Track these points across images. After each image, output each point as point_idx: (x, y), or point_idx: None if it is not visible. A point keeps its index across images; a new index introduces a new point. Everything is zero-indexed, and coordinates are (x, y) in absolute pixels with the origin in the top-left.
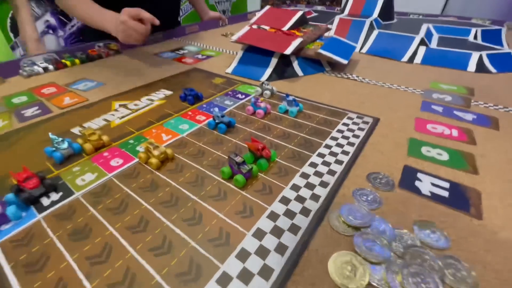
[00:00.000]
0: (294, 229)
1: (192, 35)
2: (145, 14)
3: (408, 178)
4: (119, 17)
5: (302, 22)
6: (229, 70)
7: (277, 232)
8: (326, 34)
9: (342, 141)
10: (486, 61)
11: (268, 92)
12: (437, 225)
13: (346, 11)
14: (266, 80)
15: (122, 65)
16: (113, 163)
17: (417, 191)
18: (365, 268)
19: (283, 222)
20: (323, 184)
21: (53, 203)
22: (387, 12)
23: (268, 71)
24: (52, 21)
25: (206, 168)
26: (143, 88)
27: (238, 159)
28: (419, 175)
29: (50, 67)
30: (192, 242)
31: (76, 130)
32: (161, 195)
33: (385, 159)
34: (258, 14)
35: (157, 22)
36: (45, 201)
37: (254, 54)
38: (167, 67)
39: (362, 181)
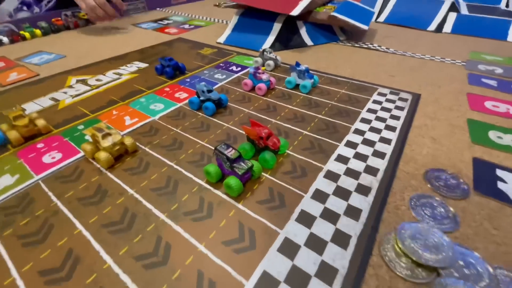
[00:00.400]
0: (326, 274)
1: (180, 6)
2: None
3: (486, 178)
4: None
5: None
6: (221, 39)
7: (298, 279)
8: None
9: (378, 124)
10: None
11: (271, 63)
12: None
13: None
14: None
15: (91, 36)
16: (47, 159)
17: (506, 198)
18: None
19: (306, 260)
20: (363, 190)
21: None
22: None
23: (270, 39)
24: None
25: (183, 166)
26: (112, 60)
27: (231, 153)
28: (499, 172)
29: (5, 39)
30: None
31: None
32: (109, 210)
33: (443, 148)
34: None
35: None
36: None
37: (253, 19)
38: (146, 37)
39: (420, 183)
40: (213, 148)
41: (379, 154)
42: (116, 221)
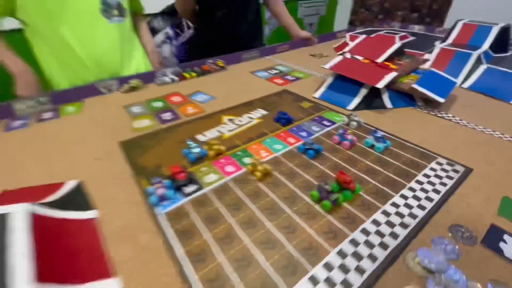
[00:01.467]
0: (372, 258)
1: (283, 54)
2: None
3: (493, 238)
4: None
5: (398, 53)
6: (317, 95)
7: (357, 256)
8: (422, 66)
9: (428, 187)
10: None
11: (355, 123)
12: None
13: (450, 39)
14: (353, 109)
15: (227, 80)
16: (228, 168)
17: (500, 251)
18: None
19: (363, 250)
20: (403, 225)
21: (192, 192)
22: (502, 43)
23: (356, 100)
24: (170, 33)
25: (298, 188)
26: (244, 106)
27: (327, 187)
28: (505, 236)
29: (176, 78)
30: (289, 246)
31: (199, 136)
32: (263, 203)
33: (472, 213)
34: (353, 43)
35: None
36: (186, 190)
37: (344, 82)
38: (262, 86)
39: (444, 231)
40: (315, 180)
41: (422, 207)
42: (269, 208)
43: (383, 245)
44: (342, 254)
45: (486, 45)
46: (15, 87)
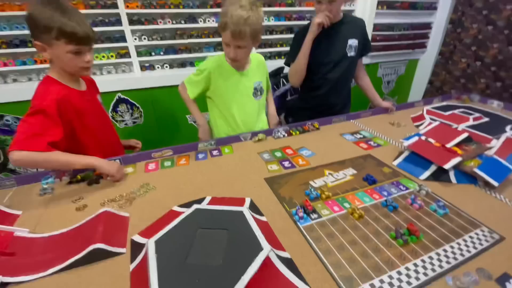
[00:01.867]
0: (425, 274)
1: (365, 119)
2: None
3: (503, 279)
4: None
5: (466, 140)
6: (396, 163)
7: (416, 271)
8: (487, 152)
9: (469, 244)
10: None
11: (424, 192)
12: None
13: None
14: (424, 179)
15: (322, 140)
16: (335, 208)
17: (504, 286)
18: None
19: (420, 269)
20: (447, 262)
21: (315, 218)
22: None
23: (427, 173)
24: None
25: (381, 228)
26: (339, 164)
27: (401, 231)
28: (510, 280)
29: (286, 135)
30: (376, 258)
31: (312, 182)
32: (360, 232)
33: (494, 264)
34: (429, 127)
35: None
36: (312, 216)
37: (418, 156)
38: (350, 148)
39: (472, 270)
40: (393, 226)
41: (462, 255)
42: (364, 236)
43: (433, 270)
44: (407, 268)
45: None
46: (198, 133)
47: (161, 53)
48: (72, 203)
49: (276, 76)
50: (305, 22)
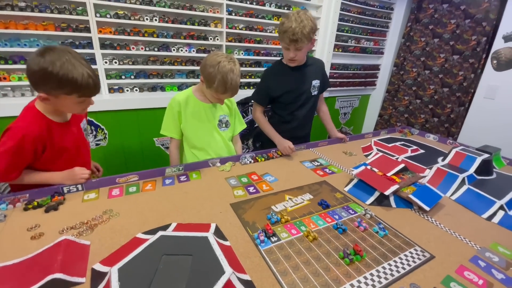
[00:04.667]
0: None
1: (322, 147)
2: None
3: None
4: (284, 142)
5: (403, 170)
6: (347, 189)
7: (359, 287)
8: (421, 181)
9: (404, 262)
10: None
11: (368, 215)
12: None
13: (447, 160)
14: (369, 204)
15: (285, 166)
16: (293, 231)
17: None
18: None
19: (363, 286)
20: (386, 278)
21: (275, 241)
22: (485, 169)
23: (372, 198)
24: None
25: (331, 249)
26: (298, 189)
27: (348, 251)
28: None
29: (252, 161)
30: (326, 277)
31: (273, 207)
32: (314, 254)
33: (425, 279)
34: (372, 158)
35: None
36: (272, 239)
37: (365, 184)
38: (308, 175)
39: (407, 285)
40: (341, 247)
41: (393, 275)
42: (315, 257)
43: (373, 286)
44: (351, 285)
45: (471, 170)
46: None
47: (132, 76)
48: (27, 231)
49: (244, 104)
50: (272, 59)
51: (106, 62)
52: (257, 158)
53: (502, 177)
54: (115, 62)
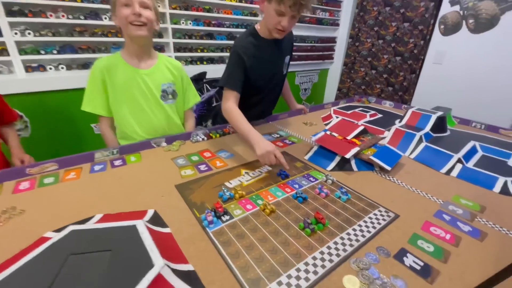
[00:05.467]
0: (330, 260)
1: (282, 120)
2: (282, 160)
3: (401, 254)
4: (266, 146)
5: (363, 132)
6: (307, 157)
7: (322, 259)
8: (381, 142)
9: (369, 224)
10: (510, 186)
11: (330, 181)
12: (404, 280)
13: (404, 121)
14: (330, 170)
15: (241, 141)
16: (248, 206)
17: (402, 262)
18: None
19: (326, 257)
20: (351, 245)
21: (227, 220)
22: (440, 127)
23: (333, 164)
24: None
25: (291, 221)
26: (255, 162)
27: (308, 221)
28: (408, 254)
29: (205, 138)
30: (285, 252)
31: (227, 183)
32: (271, 228)
33: (392, 241)
34: (332, 122)
35: (286, 167)
36: (223, 218)
37: (325, 150)
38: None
39: (373, 249)
40: (302, 217)
41: (363, 236)
42: (273, 232)
43: (338, 255)
44: (314, 258)
45: (427, 128)
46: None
47: (54, 51)
48: None
49: (199, 81)
50: (225, 30)
51: (16, 33)
52: (211, 134)
53: (455, 133)
54: (29, 33)
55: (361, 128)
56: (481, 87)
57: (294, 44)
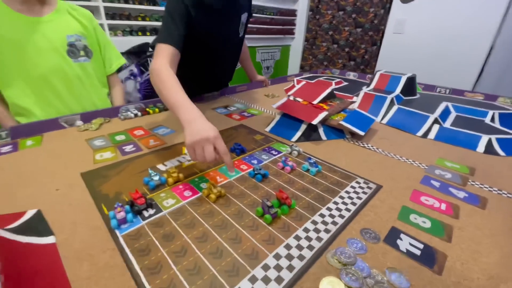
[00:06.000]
0: (300, 257)
1: (241, 93)
2: (226, 157)
3: (392, 236)
4: (202, 131)
5: (330, 96)
6: (268, 129)
7: (289, 257)
8: (350, 107)
9: (347, 200)
10: (496, 145)
11: (296, 152)
12: (404, 273)
13: (372, 85)
14: (295, 141)
15: None
16: (186, 193)
17: (396, 247)
18: None
19: (294, 252)
20: (327, 231)
21: (150, 216)
22: (410, 89)
23: (298, 134)
24: (135, 70)
25: (246, 206)
26: None
27: (269, 203)
28: (401, 235)
29: (139, 113)
30: (234, 254)
31: (160, 166)
32: (216, 220)
33: (378, 219)
34: (296, 87)
35: (231, 171)
36: (146, 213)
37: (288, 119)
38: (222, 121)
39: (356, 233)
40: (261, 199)
41: (342, 216)
42: (220, 225)
43: (310, 247)
44: (277, 256)
45: (398, 90)
46: None
47: None
48: None
49: (140, 55)
50: None
51: None
52: (148, 109)
53: (425, 96)
54: None
55: (329, 90)
56: (442, 53)
57: (253, 15)
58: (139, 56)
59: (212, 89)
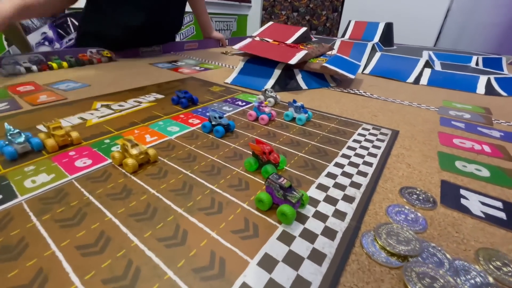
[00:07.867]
0: (317, 257)
1: (191, 51)
2: None
3: (451, 195)
4: None
5: (305, 39)
6: (229, 80)
7: (293, 260)
8: (329, 53)
9: (362, 152)
10: (495, 85)
11: (272, 100)
12: (506, 254)
13: (347, 35)
14: None
15: (114, 71)
16: (79, 163)
17: (467, 210)
18: None
19: (301, 247)
20: (348, 199)
21: None
22: (387, 39)
23: (271, 82)
24: (50, 33)
25: (197, 175)
26: (133, 91)
27: (284, 182)
28: (462, 191)
29: (34, 67)
30: (170, 272)
31: (41, 127)
32: (134, 204)
33: (416, 172)
34: (261, 29)
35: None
36: None
37: (256, 65)
38: (164, 75)
39: (395, 197)
40: (222, 161)
41: (362, 174)
42: (140, 212)
43: (329, 232)
44: (267, 262)
45: (376, 38)
46: None
47: None
48: None
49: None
50: None
51: None
52: (50, 62)
53: (403, 47)
54: None
55: (304, 29)
56: (403, 16)
57: None
58: (55, 15)
59: (153, 42)
